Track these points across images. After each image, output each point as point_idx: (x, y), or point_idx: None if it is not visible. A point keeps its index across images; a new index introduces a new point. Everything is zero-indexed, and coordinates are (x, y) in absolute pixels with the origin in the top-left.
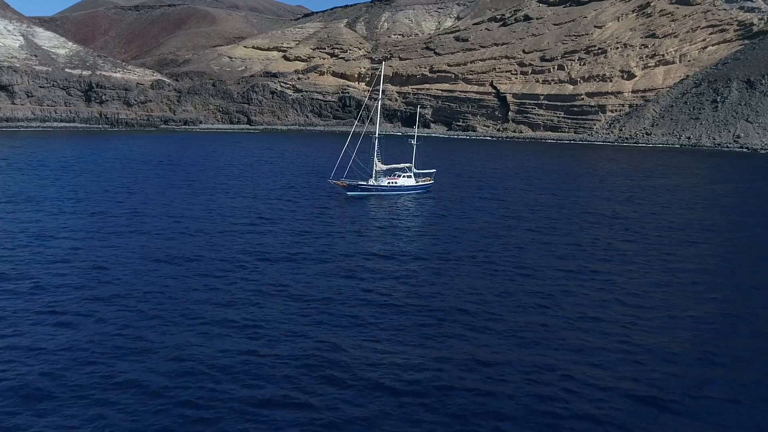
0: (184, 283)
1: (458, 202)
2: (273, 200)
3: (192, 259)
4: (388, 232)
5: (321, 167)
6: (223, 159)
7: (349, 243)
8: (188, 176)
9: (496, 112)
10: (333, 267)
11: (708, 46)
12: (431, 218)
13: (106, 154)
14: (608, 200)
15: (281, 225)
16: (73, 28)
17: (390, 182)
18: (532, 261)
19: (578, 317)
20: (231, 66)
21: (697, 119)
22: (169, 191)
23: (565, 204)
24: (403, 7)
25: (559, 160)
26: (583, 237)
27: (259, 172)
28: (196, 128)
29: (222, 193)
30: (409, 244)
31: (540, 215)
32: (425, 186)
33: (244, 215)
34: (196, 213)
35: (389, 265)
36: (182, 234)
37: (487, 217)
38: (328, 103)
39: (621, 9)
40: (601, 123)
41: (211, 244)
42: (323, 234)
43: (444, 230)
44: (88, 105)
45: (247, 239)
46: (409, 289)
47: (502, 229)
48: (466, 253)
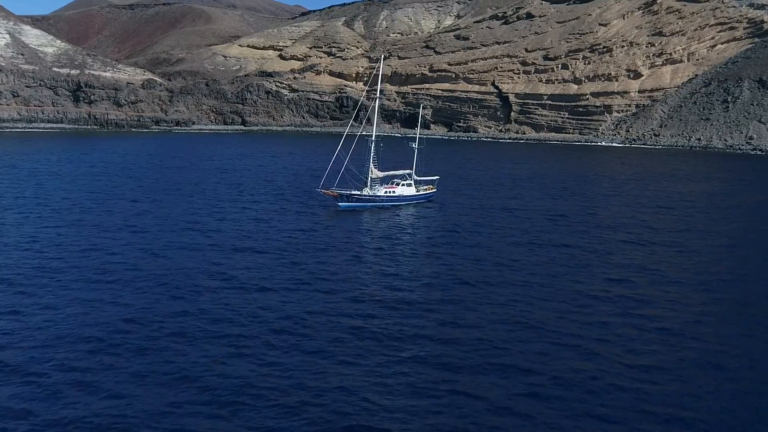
0: (145, 319)
1: (465, 214)
2: (259, 212)
3: (159, 285)
4: (384, 257)
5: (314, 172)
6: (212, 163)
7: (336, 276)
8: (169, 183)
9: (498, 113)
10: (319, 308)
11: (717, 45)
12: (436, 236)
13: (88, 157)
14: (637, 211)
15: (264, 245)
16: (66, 27)
17: (387, 191)
18: (565, 294)
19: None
20: (225, 65)
21: (708, 120)
22: (143, 202)
23: (589, 217)
24: (402, 5)
25: (567, 163)
26: (621, 260)
27: (248, 178)
28: (189, 129)
29: (203, 205)
30: (414, 274)
31: (562, 229)
32: (427, 195)
33: (224, 232)
34: (170, 229)
35: (388, 305)
36: (148, 254)
37: (499, 232)
38: (325, 104)
39: (626, 6)
40: (607, 124)
41: (178, 267)
42: (308, 259)
43: (452, 253)
44: (76, 105)
45: (220, 264)
46: (418, 341)
47: (520, 250)
48: (482, 285)
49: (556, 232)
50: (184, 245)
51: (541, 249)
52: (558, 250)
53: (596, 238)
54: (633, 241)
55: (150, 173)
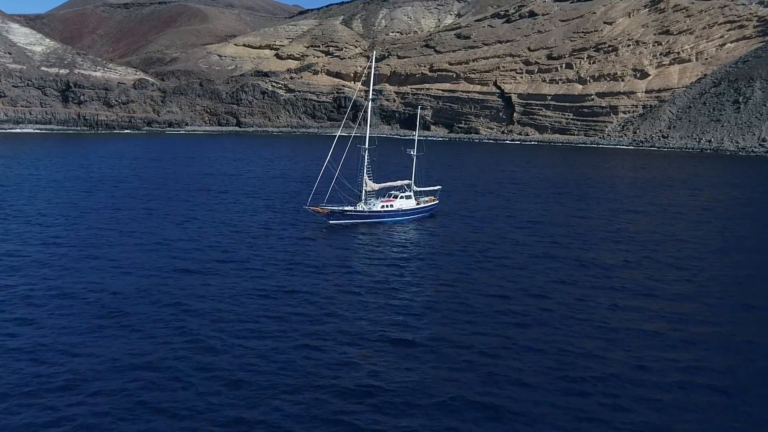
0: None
1: (472, 230)
2: (241, 228)
3: (108, 324)
4: (380, 283)
5: (307, 179)
6: (200, 168)
7: (325, 308)
8: (147, 191)
9: (500, 114)
10: (301, 360)
11: (726, 43)
12: (441, 258)
13: (66, 160)
14: (672, 224)
15: (246, 266)
16: (60, 26)
17: (384, 205)
18: (598, 333)
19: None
20: (220, 65)
21: (718, 121)
22: (112, 213)
23: (613, 233)
24: (402, 3)
25: (576, 167)
26: (667, 293)
27: (236, 186)
28: (182, 130)
29: (180, 218)
30: (416, 306)
31: (584, 248)
32: (428, 208)
33: (195, 255)
34: (136, 247)
35: (385, 347)
36: (99, 280)
37: (516, 252)
38: (323, 104)
39: (632, 4)
40: (613, 125)
41: (131, 297)
42: (291, 286)
43: (461, 279)
44: (65, 106)
45: (183, 295)
46: (420, 385)
47: (542, 275)
48: (498, 317)
49: (580, 249)
50: (146, 267)
51: (566, 270)
52: (589, 275)
53: (632, 261)
54: (680, 266)
55: (129, 179)
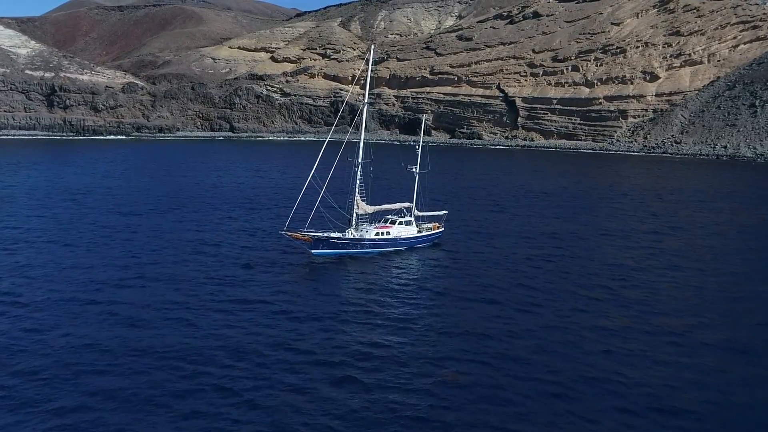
0: None
1: (486, 265)
2: (209, 260)
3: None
4: (374, 340)
5: (294, 194)
6: (178, 181)
7: (300, 379)
8: (116, 205)
9: (504, 118)
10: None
11: (739, 45)
12: (450, 304)
13: (35, 169)
14: (716, 248)
15: (198, 316)
16: (53, 29)
17: (379, 233)
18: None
19: None
20: (214, 68)
21: (734, 126)
22: (66, 234)
23: (662, 268)
24: (401, 5)
25: (590, 176)
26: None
27: (213, 203)
28: (173, 136)
29: (139, 246)
30: (420, 373)
31: (625, 285)
32: (432, 236)
33: (148, 300)
34: (77, 286)
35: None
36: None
37: (538, 297)
38: (319, 108)
39: (640, 4)
40: (623, 130)
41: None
42: (261, 342)
43: (477, 332)
44: (50, 110)
45: (131, 353)
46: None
47: (575, 335)
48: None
49: (615, 290)
50: (89, 306)
51: (605, 313)
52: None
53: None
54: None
55: (95, 192)
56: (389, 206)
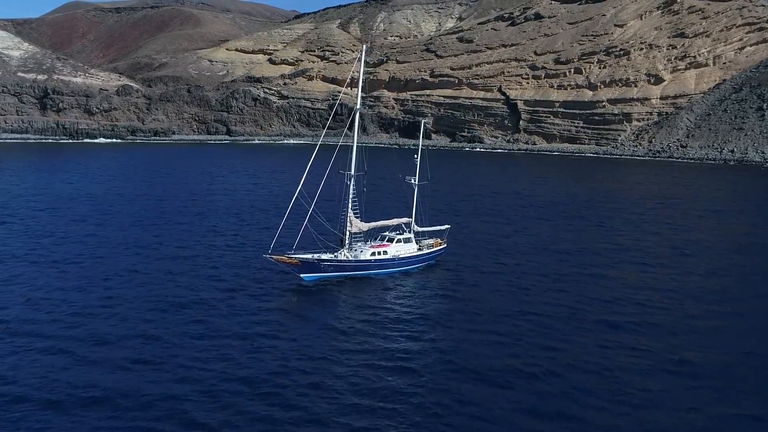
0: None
1: (494, 286)
2: (185, 286)
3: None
4: (372, 382)
5: (288, 202)
6: (165, 189)
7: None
8: (84, 222)
9: (505, 121)
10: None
11: (746, 47)
12: (459, 338)
13: (17, 174)
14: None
15: (175, 351)
16: (50, 31)
17: (376, 252)
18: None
19: None
20: (211, 70)
21: (741, 129)
22: (18, 253)
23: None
24: (401, 6)
25: (598, 182)
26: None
27: (202, 213)
28: (168, 139)
29: (118, 262)
30: (424, 418)
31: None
32: (434, 254)
33: (122, 318)
34: (25, 314)
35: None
36: None
37: (552, 323)
38: (317, 111)
39: (644, 6)
40: (627, 134)
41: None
42: (242, 381)
43: (483, 376)
44: (43, 114)
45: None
46: None
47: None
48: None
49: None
50: (35, 342)
51: (633, 348)
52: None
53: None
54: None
55: (75, 200)
56: (386, 222)
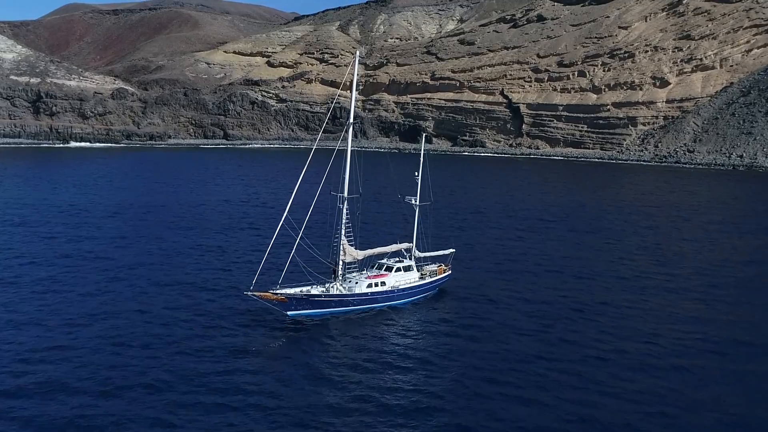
0: None
1: (507, 318)
2: (162, 317)
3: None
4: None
5: (292, 215)
6: (156, 197)
7: None
8: (44, 240)
9: (507, 125)
10: None
11: (753, 49)
12: (465, 387)
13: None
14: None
15: (136, 413)
16: (46, 34)
17: (373, 283)
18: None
19: None
20: (208, 73)
21: (750, 134)
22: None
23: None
24: (401, 8)
25: (604, 189)
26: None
27: (189, 227)
28: (164, 144)
29: (93, 286)
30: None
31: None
32: (437, 282)
33: (80, 361)
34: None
35: None
36: None
37: (584, 369)
38: (316, 115)
39: (649, 7)
40: (632, 138)
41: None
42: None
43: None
44: (36, 118)
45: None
46: None
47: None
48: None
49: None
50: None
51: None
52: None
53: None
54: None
55: (56, 211)
56: (384, 249)
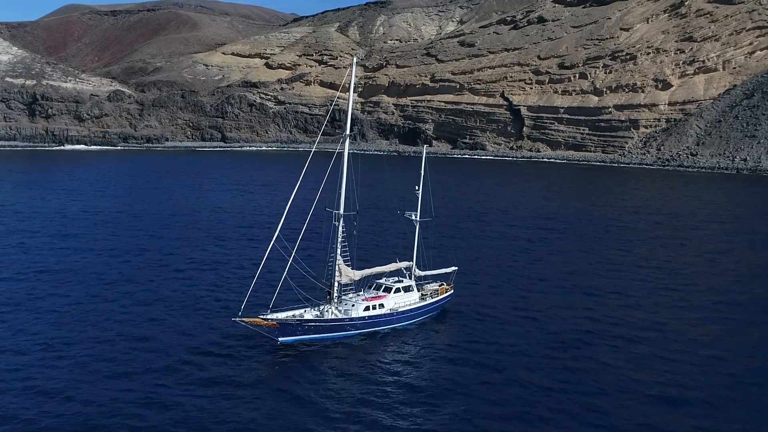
0: None
1: (512, 343)
2: (142, 343)
3: None
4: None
5: (289, 227)
6: (146, 206)
7: None
8: (25, 256)
9: (508, 128)
10: None
11: (756, 51)
12: (471, 423)
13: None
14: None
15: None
16: (44, 35)
17: (370, 306)
18: None
19: None
20: (206, 75)
21: (753, 137)
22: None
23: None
24: (401, 10)
25: (609, 195)
26: None
27: (178, 237)
28: (161, 146)
29: (55, 313)
30: None
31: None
32: (439, 303)
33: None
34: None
35: None
36: None
37: (600, 401)
38: (315, 117)
39: (650, 9)
40: (634, 141)
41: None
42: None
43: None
44: (31, 120)
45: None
46: None
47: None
48: None
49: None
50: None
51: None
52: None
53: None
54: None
55: (30, 226)
56: (382, 268)
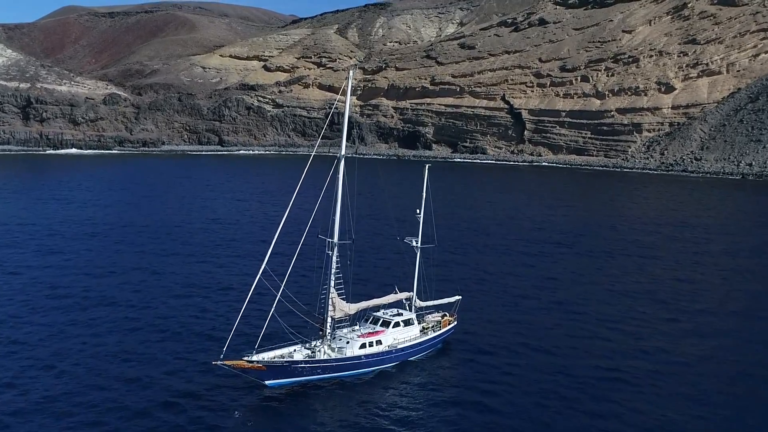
0: None
1: (523, 382)
2: (109, 388)
3: None
4: None
5: (287, 240)
6: (134, 217)
7: None
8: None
9: (509, 131)
10: None
11: (760, 54)
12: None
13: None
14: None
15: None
16: (41, 36)
17: (366, 343)
18: None
19: None
20: (204, 77)
21: (759, 141)
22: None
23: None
24: (400, 12)
25: (616, 204)
26: None
27: (167, 252)
28: (158, 150)
29: (19, 347)
30: None
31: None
32: (442, 336)
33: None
34: None
35: None
36: None
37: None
38: (314, 120)
39: (653, 11)
40: (637, 145)
41: None
42: None
43: None
44: (26, 123)
45: None
46: None
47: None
48: None
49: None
50: None
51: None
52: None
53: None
54: None
55: (11, 239)
56: (380, 300)
